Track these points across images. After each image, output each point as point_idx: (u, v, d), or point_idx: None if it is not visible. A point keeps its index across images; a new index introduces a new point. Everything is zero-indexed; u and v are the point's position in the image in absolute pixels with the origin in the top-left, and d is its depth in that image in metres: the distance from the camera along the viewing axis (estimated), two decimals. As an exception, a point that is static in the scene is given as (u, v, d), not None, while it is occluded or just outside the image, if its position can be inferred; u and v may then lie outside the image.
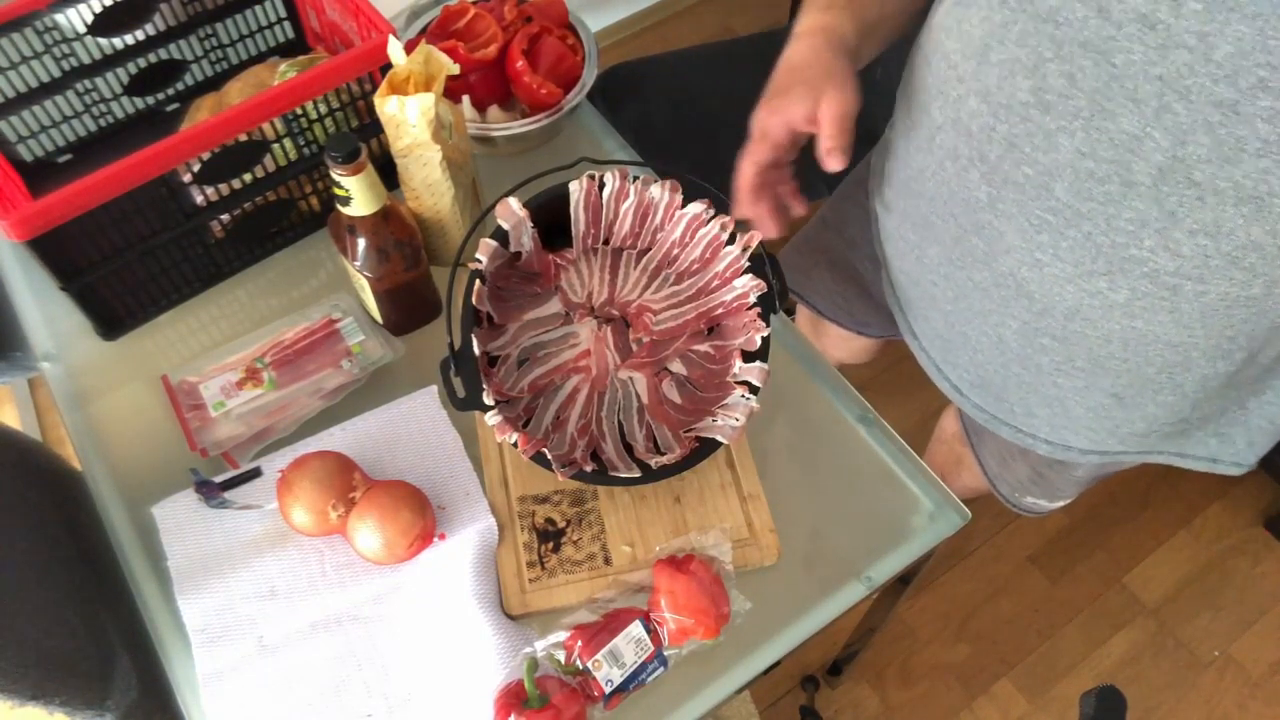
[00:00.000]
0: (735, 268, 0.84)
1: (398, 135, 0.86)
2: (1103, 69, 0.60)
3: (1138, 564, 1.64)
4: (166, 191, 0.88)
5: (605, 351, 0.88)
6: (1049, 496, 1.10)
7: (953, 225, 0.78)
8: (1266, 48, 0.53)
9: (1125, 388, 0.78)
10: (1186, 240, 0.63)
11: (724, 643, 0.77)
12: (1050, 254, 0.70)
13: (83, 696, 0.88)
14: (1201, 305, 0.67)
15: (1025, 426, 0.89)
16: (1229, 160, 0.58)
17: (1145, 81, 0.58)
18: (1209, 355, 0.72)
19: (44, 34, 0.95)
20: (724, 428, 0.79)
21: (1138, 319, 0.70)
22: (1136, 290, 0.68)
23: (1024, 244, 0.71)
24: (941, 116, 0.74)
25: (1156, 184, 0.61)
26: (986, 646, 1.58)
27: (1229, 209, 0.60)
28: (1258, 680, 1.54)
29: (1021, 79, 0.64)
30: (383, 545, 0.77)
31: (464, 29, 1.05)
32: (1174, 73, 0.57)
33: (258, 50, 1.10)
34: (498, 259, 0.83)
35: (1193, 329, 0.69)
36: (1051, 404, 0.84)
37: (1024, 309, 0.76)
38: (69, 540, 0.94)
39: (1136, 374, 0.75)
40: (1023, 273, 0.73)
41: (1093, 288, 0.70)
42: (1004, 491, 1.14)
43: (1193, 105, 0.57)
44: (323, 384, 0.89)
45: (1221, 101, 0.56)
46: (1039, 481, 1.07)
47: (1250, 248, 0.62)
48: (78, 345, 0.95)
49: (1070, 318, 0.73)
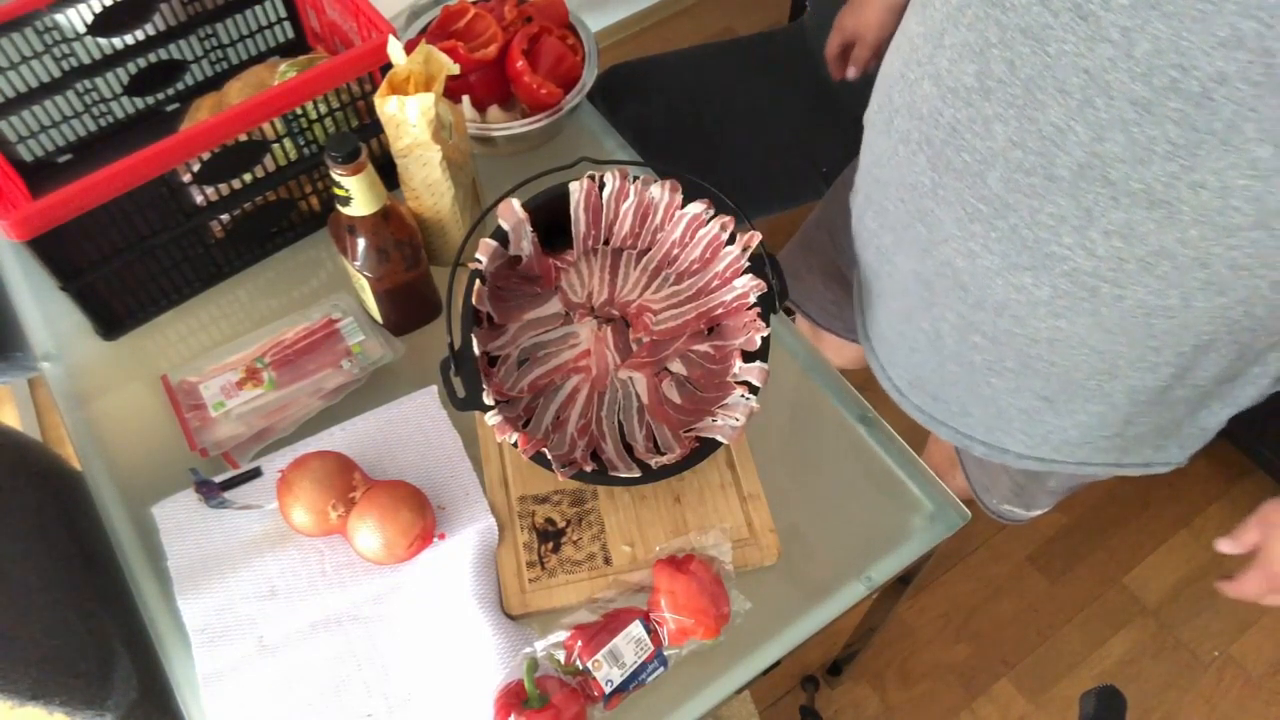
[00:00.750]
0: (735, 268, 0.84)
1: (398, 135, 0.86)
2: (1039, 57, 0.60)
3: (1138, 564, 1.64)
4: (166, 191, 0.88)
5: (605, 351, 0.88)
6: (1025, 506, 1.11)
7: (902, 211, 0.78)
8: (1179, 48, 0.53)
9: (1055, 392, 0.78)
10: (1102, 241, 0.63)
11: (724, 643, 0.77)
12: (981, 244, 0.71)
13: (83, 696, 0.88)
14: (1120, 310, 0.67)
15: (962, 427, 0.89)
16: (1141, 161, 0.58)
17: (1073, 73, 0.58)
18: (1135, 366, 0.71)
19: (44, 34, 0.95)
20: (724, 428, 0.79)
21: (1061, 318, 0.70)
22: (1058, 288, 0.68)
23: (960, 233, 0.72)
24: (899, 100, 0.75)
25: (1076, 180, 0.62)
26: (986, 646, 1.58)
27: (1140, 212, 0.60)
28: (1258, 680, 1.54)
29: (969, 63, 0.65)
30: (383, 545, 0.77)
31: (464, 29, 1.05)
32: (1099, 66, 0.57)
33: (258, 50, 1.10)
34: (498, 259, 0.83)
35: (1115, 335, 0.69)
36: (986, 404, 0.84)
37: (959, 301, 0.76)
38: (69, 540, 0.94)
39: (1065, 379, 0.75)
40: (958, 263, 0.74)
41: (1019, 282, 0.70)
42: (984, 499, 1.15)
43: (1112, 102, 0.57)
44: (323, 384, 0.89)
45: (1137, 100, 0.56)
46: (1018, 492, 1.07)
47: (1162, 254, 0.62)
48: (78, 345, 0.95)
49: (1000, 313, 0.74)
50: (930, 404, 0.90)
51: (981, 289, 0.73)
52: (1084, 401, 0.78)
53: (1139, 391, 0.75)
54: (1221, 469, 1.72)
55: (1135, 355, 0.70)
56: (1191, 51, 0.52)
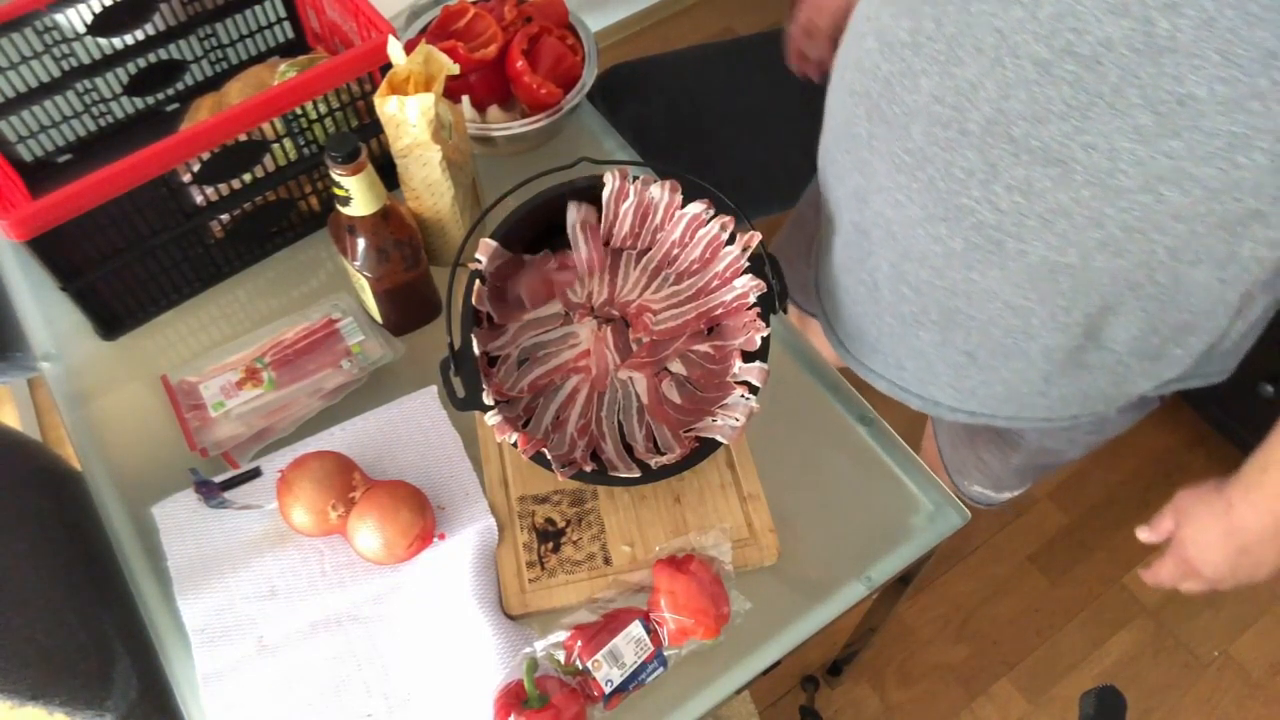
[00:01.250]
0: (735, 268, 0.84)
1: (398, 135, 0.86)
2: (962, 15, 0.63)
3: (1138, 564, 1.64)
4: (166, 191, 0.88)
5: (605, 351, 0.88)
6: (993, 486, 1.13)
7: (846, 162, 0.81)
8: (1075, 12, 0.56)
9: (976, 347, 0.80)
10: (1004, 195, 0.66)
11: (724, 643, 0.77)
12: (906, 195, 0.74)
13: (83, 696, 0.88)
14: (1026, 265, 0.70)
15: (897, 380, 0.91)
16: (1039, 119, 0.61)
17: (988, 32, 0.61)
18: (1047, 324, 0.74)
19: (44, 34, 0.95)
20: (724, 428, 0.79)
21: (974, 270, 0.73)
22: (969, 240, 0.71)
23: (889, 183, 0.75)
24: (850, 53, 0.78)
25: (984, 135, 0.65)
26: (986, 646, 1.58)
27: (1039, 169, 0.63)
28: (1258, 680, 1.54)
29: (905, 19, 0.68)
30: (383, 545, 0.77)
31: (464, 29, 1.05)
32: (1010, 26, 0.60)
33: (258, 50, 1.10)
34: (498, 259, 0.83)
35: (1024, 290, 0.72)
36: (918, 358, 0.86)
37: (891, 250, 0.79)
38: (69, 540, 0.94)
39: (984, 334, 0.78)
40: (888, 213, 0.77)
41: (936, 233, 0.73)
42: (955, 479, 1.17)
43: (1018, 61, 0.60)
44: (323, 384, 0.89)
45: (1039, 60, 0.59)
46: (980, 467, 1.10)
47: (1059, 212, 0.65)
48: (78, 345, 0.95)
49: (922, 263, 0.76)
50: (869, 355, 0.92)
51: (907, 239, 0.77)
52: (1004, 358, 0.80)
53: (1054, 351, 0.77)
54: (1221, 469, 1.72)
55: (1046, 313, 0.73)
56: (1085, 16, 0.56)
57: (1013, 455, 1.04)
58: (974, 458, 1.10)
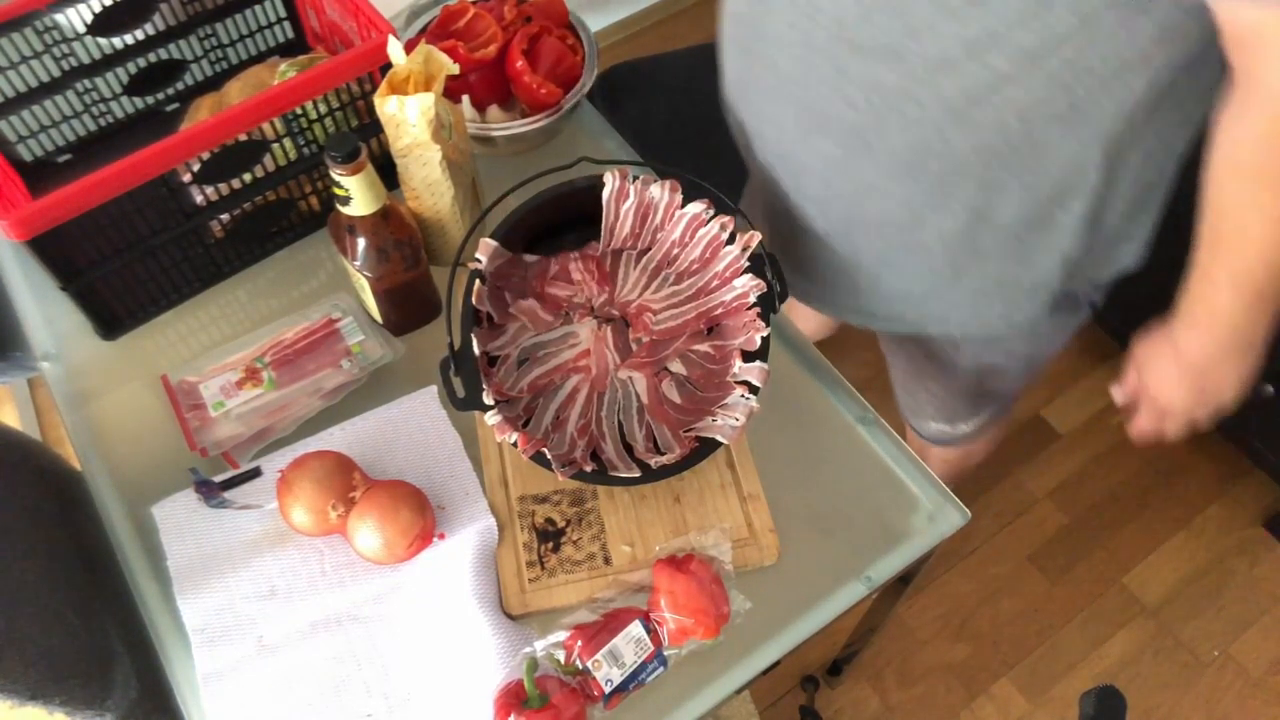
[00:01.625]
0: (735, 268, 0.84)
1: (398, 135, 0.86)
2: None
3: (1138, 564, 1.64)
4: (166, 191, 0.88)
5: (605, 351, 0.88)
6: (948, 419, 1.17)
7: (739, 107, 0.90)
8: None
9: (882, 248, 0.86)
10: (858, 94, 0.74)
11: (724, 643, 0.77)
12: (786, 119, 0.81)
13: (83, 696, 0.88)
14: (893, 156, 0.76)
15: (833, 300, 0.96)
16: (867, 19, 0.70)
17: None
18: (932, 209, 0.79)
19: (44, 34, 0.95)
20: (724, 428, 0.79)
21: (853, 172, 0.79)
22: (842, 144, 0.78)
23: (772, 113, 0.83)
24: (723, 10, 0.87)
25: (829, 46, 0.73)
26: (986, 646, 1.58)
27: (878, 64, 0.71)
28: (1258, 680, 1.54)
29: None
30: (383, 545, 0.77)
31: (464, 29, 1.05)
32: None
33: (258, 50, 1.10)
34: (498, 259, 0.83)
35: (901, 180, 0.78)
36: (840, 273, 0.91)
37: (788, 176, 0.86)
38: (69, 540, 0.94)
39: (881, 233, 0.84)
40: (775, 138, 0.85)
41: (815, 146, 0.80)
42: (913, 422, 1.24)
43: None
44: (322, 384, 0.89)
45: None
46: (931, 401, 1.15)
47: (906, 97, 0.71)
48: (78, 345, 0.95)
49: (813, 178, 0.84)
50: (802, 282, 0.97)
51: (795, 160, 0.84)
52: (907, 253, 0.85)
53: (948, 236, 0.81)
54: (1221, 469, 1.72)
55: (926, 198, 0.78)
56: None
57: (955, 376, 1.07)
58: (923, 391, 1.14)
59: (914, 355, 1.10)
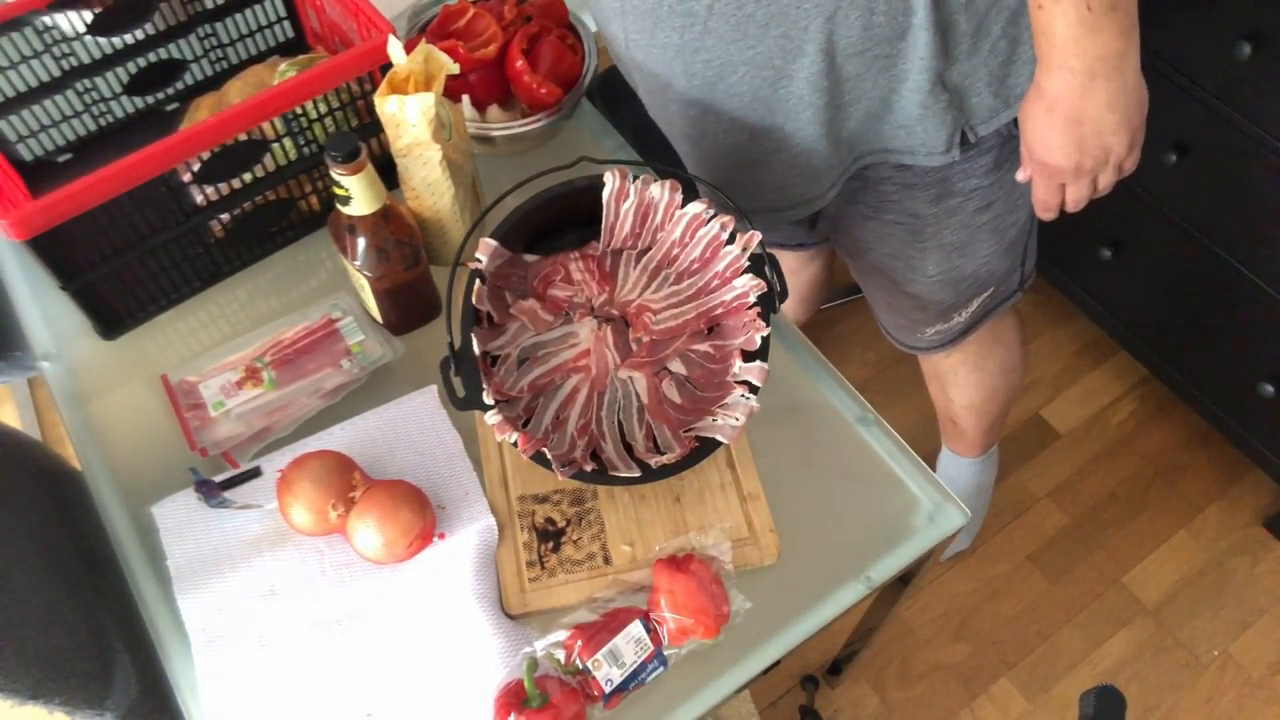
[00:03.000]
0: (735, 267, 0.84)
1: (398, 135, 0.86)
2: None
3: (1138, 564, 1.64)
4: (166, 191, 0.88)
5: (605, 351, 0.88)
6: (941, 316, 1.15)
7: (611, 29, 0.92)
8: None
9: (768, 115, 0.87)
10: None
11: (724, 642, 0.77)
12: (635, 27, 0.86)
13: (83, 696, 0.88)
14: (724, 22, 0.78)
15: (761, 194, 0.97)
16: None
17: None
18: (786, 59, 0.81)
19: (44, 34, 0.95)
20: (724, 427, 0.79)
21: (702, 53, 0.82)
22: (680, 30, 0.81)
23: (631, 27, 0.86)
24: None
25: None
26: (986, 646, 1.58)
27: None
28: (1258, 680, 1.54)
29: None
30: (383, 545, 0.77)
31: (464, 28, 1.05)
32: None
33: (258, 50, 1.10)
34: (498, 259, 0.83)
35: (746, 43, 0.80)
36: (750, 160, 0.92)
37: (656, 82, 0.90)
38: (69, 540, 0.94)
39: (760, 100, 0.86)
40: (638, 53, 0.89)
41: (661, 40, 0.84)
42: (910, 343, 1.23)
43: None
44: (322, 383, 0.89)
45: None
46: (918, 305, 1.14)
47: None
48: (78, 345, 0.95)
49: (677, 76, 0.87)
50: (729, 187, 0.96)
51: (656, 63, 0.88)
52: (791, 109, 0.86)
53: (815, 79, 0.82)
54: (1221, 469, 1.72)
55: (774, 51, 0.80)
56: None
57: (925, 268, 1.06)
58: (906, 300, 1.13)
59: (884, 266, 1.10)
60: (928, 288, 1.10)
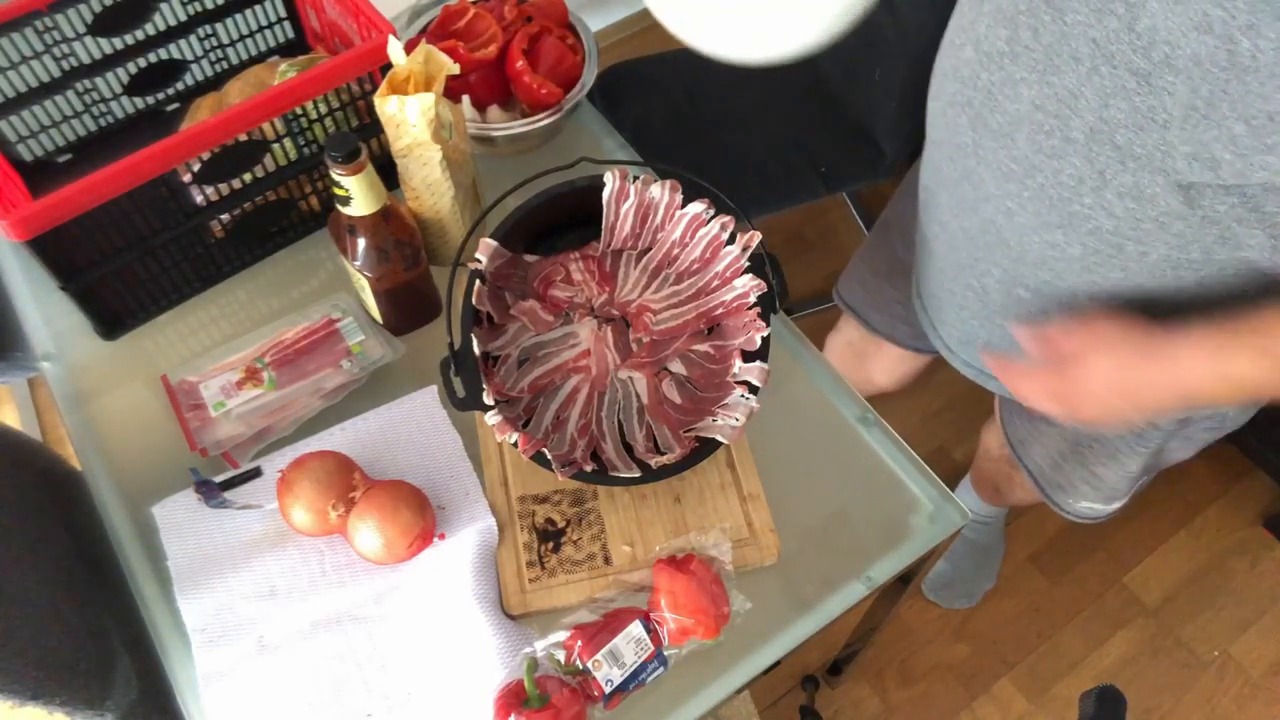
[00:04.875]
0: (735, 268, 0.84)
1: (398, 135, 0.86)
2: (1057, 24, 0.64)
3: (1138, 564, 1.64)
4: (166, 191, 0.88)
5: (605, 351, 0.88)
6: (1104, 499, 1.09)
7: (951, 170, 0.82)
8: (1166, 26, 0.58)
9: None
10: (1117, 202, 0.67)
11: (724, 643, 0.77)
12: (1016, 203, 0.74)
13: (83, 696, 0.88)
14: (1147, 265, 0.70)
15: None
16: (1141, 128, 0.62)
17: (1084, 42, 0.63)
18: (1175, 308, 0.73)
19: (44, 34, 0.95)
20: (724, 427, 0.79)
21: (1094, 273, 0.73)
22: (1087, 245, 0.71)
23: (998, 191, 0.76)
24: (948, 63, 0.79)
25: (1088, 143, 0.66)
26: (986, 646, 1.58)
27: (1145, 175, 0.64)
28: (1258, 680, 1.54)
29: (1001, 28, 0.69)
30: (383, 545, 0.77)
31: (464, 29, 1.05)
32: (1105, 37, 0.61)
33: (258, 50, 1.10)
34: (498, 259, 0.83)
35: (1145, 284, 0.72)
36: None
37: (1003, 256, 0.80)
38: (69, 540, 0.94)
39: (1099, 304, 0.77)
40: (999, 220, 0.77)
41: (1052, 239, 0.74)
42: (1058, 499, 1.12)
43: (1116, 71, 0.62)
44: (323, 384, 0.89)
45: (1137, 70, 0.60)
46: (1092, 481, 1.06)
47: (1174, 215, 0.65)
48: (78, 345, 0.95)
49: (1039, 268, 0.77)
50: (979, 359, 0.92)
51: (1021, 245, 0.77)
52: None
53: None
54: (1221, 469, 1.72)
55: (1167, 299, 0.72)
56: (1175, 31, 0.57)
57: (1130, 460, 1.00)
58: (1084, 473, 1.06)
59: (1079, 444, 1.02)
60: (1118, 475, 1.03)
